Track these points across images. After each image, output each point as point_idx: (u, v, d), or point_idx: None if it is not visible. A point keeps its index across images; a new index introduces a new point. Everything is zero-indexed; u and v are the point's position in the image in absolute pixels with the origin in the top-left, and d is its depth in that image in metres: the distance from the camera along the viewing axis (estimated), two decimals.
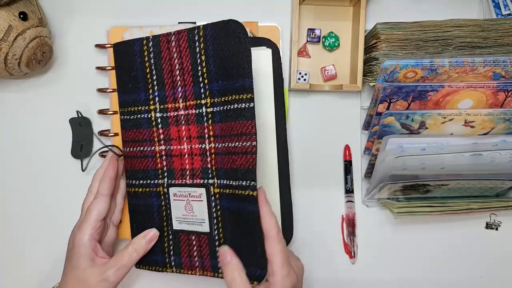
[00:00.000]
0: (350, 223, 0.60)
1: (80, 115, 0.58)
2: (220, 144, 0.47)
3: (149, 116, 0.51)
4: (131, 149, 0.53)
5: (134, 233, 0.52)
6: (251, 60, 0.43)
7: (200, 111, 0.48)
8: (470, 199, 0.57)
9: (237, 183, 0.46)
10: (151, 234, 0.51)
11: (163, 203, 0.52)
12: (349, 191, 0.60)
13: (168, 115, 0.50)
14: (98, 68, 0.57)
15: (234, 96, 0.45)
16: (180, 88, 0.49)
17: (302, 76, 0.59)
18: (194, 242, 0.51)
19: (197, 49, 0.47)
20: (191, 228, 0.51)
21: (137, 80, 0.51)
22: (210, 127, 0.48)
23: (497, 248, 0.62)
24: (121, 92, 0.52)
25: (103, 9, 0.59)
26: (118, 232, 0.55)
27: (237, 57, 0.44)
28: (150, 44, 0.49)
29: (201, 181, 0.49)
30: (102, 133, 0.57)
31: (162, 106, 0.50)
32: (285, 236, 0.49)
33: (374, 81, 0.55)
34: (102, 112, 0.57)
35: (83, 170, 0.58)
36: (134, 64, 0.51)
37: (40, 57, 0.53)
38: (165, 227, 0.52)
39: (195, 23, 0.58)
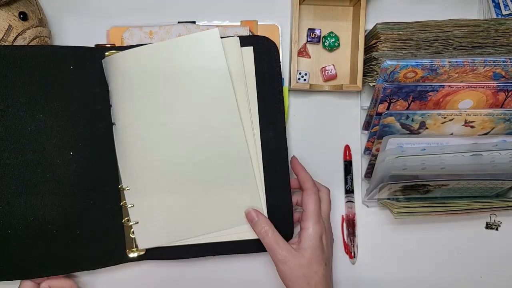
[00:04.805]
0: (350, 223, 0.60)
1: None
2: None
3: None
4: None
5: None
6: None
7: None
8: (470, 199, 0.57)
9: None
10: None
11: None
12: (349, 191, 0.60)
13: None
14: None
15: None
16: None
17: (302, 76, 0.59)
18: None
19: None
20: None
21: None
22: None
23: (497, 248, 0.62)
24: None
25: (103, 9, 0.59)
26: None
27: None
28: None
29: None
30: None
31: None
32: (285, 236, 0.50)
33: (374, 81, 0.55)
34: None
35: None
36: None
37: None
38: None
39: (194, 22, 0.58)
